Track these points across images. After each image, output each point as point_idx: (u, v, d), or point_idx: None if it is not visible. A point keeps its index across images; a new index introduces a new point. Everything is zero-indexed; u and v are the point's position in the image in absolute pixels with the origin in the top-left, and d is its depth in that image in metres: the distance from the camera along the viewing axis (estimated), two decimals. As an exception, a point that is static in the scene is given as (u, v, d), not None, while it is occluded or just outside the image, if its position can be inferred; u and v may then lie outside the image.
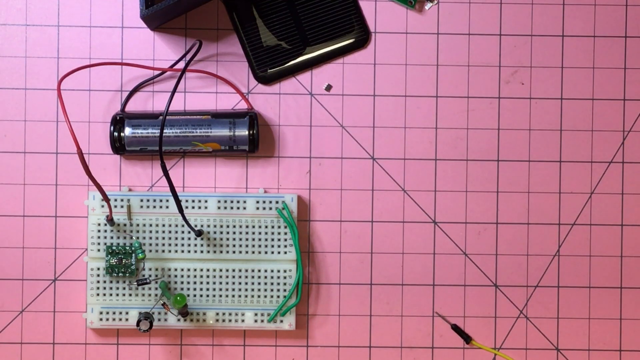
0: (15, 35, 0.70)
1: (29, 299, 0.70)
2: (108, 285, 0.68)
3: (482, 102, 0.71)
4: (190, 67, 0.69)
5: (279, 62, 0.70)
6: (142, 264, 0.68)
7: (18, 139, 0.70)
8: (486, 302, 0.71)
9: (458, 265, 0.71)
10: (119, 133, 0.68)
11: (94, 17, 0.70)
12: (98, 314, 0.68)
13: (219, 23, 0.70)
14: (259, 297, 0.69)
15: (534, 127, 0.71)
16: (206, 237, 0.68)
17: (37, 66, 0.70)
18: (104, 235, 0.68)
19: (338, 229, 0.71)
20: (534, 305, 0.71)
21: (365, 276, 0.71)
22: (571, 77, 0.71)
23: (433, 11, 0.71)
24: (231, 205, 0.68)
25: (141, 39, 0.70)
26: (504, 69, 0.71)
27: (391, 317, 0.71)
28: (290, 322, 0.69)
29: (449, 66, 0.71)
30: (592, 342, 0.71)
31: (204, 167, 0.70)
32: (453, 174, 0.71)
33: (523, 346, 0.71)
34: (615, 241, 0.71)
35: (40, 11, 0.70)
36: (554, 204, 0.71)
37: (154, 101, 0.70)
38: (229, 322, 0.69)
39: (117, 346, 0.70)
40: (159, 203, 0.68)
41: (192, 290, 0.69)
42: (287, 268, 0.69)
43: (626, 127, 0.71)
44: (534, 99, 0.71)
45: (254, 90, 0.71)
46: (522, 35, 0.71)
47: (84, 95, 0.70)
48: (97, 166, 0.70)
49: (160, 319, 0.68)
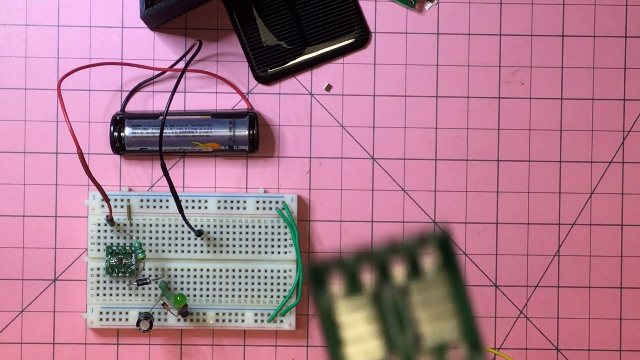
0: (15, 35, 0.70)
1: (29, 299, 0.70)
2: (108, 285, 0.68)
3: (482, 102, 0.71)
4: (190, 67, 0.69)
5: (279, 62, 0.70)
6: (142, 264, 0.68)
7: (18, 139, 0.70)
8: (486, 302, 0.71)
9: (458, 265, 0.71)
10: (119, 133, 0.68)
11: (94, 17, 0.70)
12: (98, 314, 0.68)
13: (219, 23, 0.70)
14: (259, 297, 0.69)
15: (534, 127, 0.71)
16: (206, 237, 0.68)
17: (37, 66, 0.70)
18: (104, 235, 0.68)
19: (338, 229, 0.71)
20: (534, 305, 0.71)
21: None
22: (571, 77, 0.71)
23: (433, 11, 0.71)
24: (231, 205, 0.68)
25: (141, 39, 0.70)
26: (504, 69, 0.71)
27: (391, 317, 0.71)
28: (290, 322, 0.69)
29: (449, 66, 0.71)
30: (592, 342, 0.71)
31: (204, 167, 0.70)
32: (453, 174, 0.71)
33: (523, 346, 0.71)
34: (615, 241, 0.71)
35: (40, 11, 0.70)
36: (554, 204, 0.71)
37: (154, 101, 0.70)
38: (229, 322, 0.69)
39: (117, 346, 0.70)
40: (159, 203, 0.68)
41: (192, 290, 0.69)
42: (287, 268, 0.69)
43: (626, 127, 0.71)
44: (534, 99, 0.71)
45: (254, 90, 0.71)
46: (522, 35, 0.71)
47: (84, 95, 0.70)
48: (97, 166, 0.70)
49: (160, 319, 0.68)
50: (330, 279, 0.26)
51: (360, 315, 0.25)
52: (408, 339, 0.25)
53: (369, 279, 0.25)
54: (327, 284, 0.26)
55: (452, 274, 0.25)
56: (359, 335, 0.25)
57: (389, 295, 0.25)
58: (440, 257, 0.26)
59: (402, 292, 0.25)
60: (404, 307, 0.25)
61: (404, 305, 0.25)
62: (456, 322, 0.25)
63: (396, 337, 0.25)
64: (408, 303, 0.25)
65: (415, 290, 0.25)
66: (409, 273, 0.25)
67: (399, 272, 0.25)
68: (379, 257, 0.25)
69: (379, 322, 0.25)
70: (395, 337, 0.25)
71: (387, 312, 0.25)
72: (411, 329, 0.25)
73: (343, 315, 0.25)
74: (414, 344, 0.25)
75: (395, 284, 0.25)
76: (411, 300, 0.25)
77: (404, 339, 0.25)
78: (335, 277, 0.26)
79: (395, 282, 0.25)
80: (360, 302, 0.25)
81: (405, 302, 0.25)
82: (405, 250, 0.25)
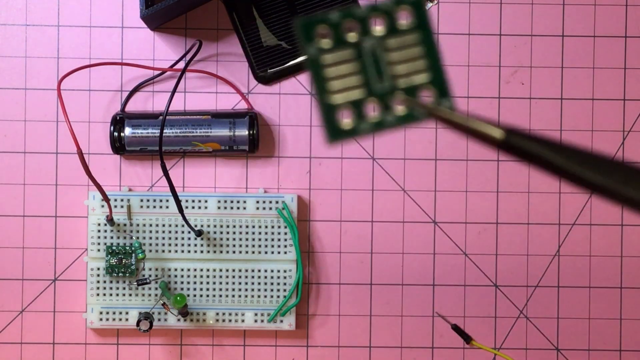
0: (15, 35, 0.70)
1: (29, 299, 0.70)
2: (108, 285, 0.68)
3: (482, 102, 0.71)
4: (190, 67, 0.69)
5: (279, 62, 0.70)
6: (142, 264, 0.68)
7: (18, 139, 0.70)
8: (486, 302, 0.71)
9: (458, 265, 0.71)
10: (119, 133, 0.68)
11: (94, 17, 0.70)
12: (98, 314, 0.68)
13: (219, 23, 0.70)
14: (259, 297, 0.69)
15: (534, 127, 0.71)
16: (206, 237, 0.68)
17: (37, 66, 0.70)
18: (104, 235, 0.68)
19: (338, 229, 0.70)
20: (534, 305, 0.71)
21: (365, 276, 0.71)
22: (571, 77, 0.71)
23: (433, 11, 0.71)
24: (231, 205, 0.68)
25: (141, 39, 0.70)
26: (504, 69, 0.71)
27: (391, 317, 0.71)
28: (290, 322, 0.69)
29: (448, 66, 0.71)
30: (592, 342, 0.71)
31: (204, 167, 0.70)
32: (453, 174, 0.71)
33: (523, 346, 0.71)
34: (615, 241, 0.71)
35: (40, 11, 0.70)
36: (554, 204, 0.71)
37: (154, 101, 0.70)
38: (229, 322, 0.69)
39: (117, 346, 0.70)
40: (159, 203, 0.68)
41: (192, 290, 0.68)
42: (287, 268, 0.69)
43: (626, 127, 0.71)
44: (534, 99, 0.71)
45: (254, 90, 0.70)
46: (522, 35, 0.71)
47: (84, 95, 0.70)
48: (97, 166, 0.70)
49: (160, 319, 0.68)
50: (318, 32, 0.29)
51: (343, 65, 0.29)
52: (385, 84, 0.29)
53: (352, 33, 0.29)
54: (315, 36, 0.29)
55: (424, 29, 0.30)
56: (343, 82, 0.29)
57: (369, 46, 0.29)
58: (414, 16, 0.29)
59: (380, 43, 0.29)
60: (381, 55, 0.29)
61: (381, 53, 0.29)
62: (426, 69, 0.30)
63: (375, 83, 0.29)
64: (385, 51, 0.29)
65: (391, 42, 0.30)
66: (387, 28, 0.29)
67: (379, 27, 0.29)
68: (361, 14, 0.29)
69: (360, 71, 0.29)
70: (374, 83, 0.29)
71: (367, 60, 0.29)
72: (387, 74, 0.29)
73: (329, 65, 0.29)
74: (389, 88, 0.30)
75: (374, 36, 0.29)
76: (388, 49, 0.29)
77: (381, 84, 0.29)
78: (322, 30, 0.29)
79: (375, 35, 0.29)
80: (344, 54, 0.29)
81: (383, 51, 0.29)
82: (384, 8, 0.29)
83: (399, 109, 0.30)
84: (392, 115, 0.30)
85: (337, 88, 0.30)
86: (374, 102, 0.30)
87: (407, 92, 0.30)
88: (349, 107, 0.30)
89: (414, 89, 0.30)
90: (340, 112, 0.30)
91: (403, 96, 0.30)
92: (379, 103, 0.30)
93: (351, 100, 0.30)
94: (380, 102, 0.30)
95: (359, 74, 0.30)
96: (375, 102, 0.30)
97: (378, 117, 0.30)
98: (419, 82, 0.30)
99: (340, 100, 0.30)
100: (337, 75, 0.30)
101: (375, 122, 0.30)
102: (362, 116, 0.30)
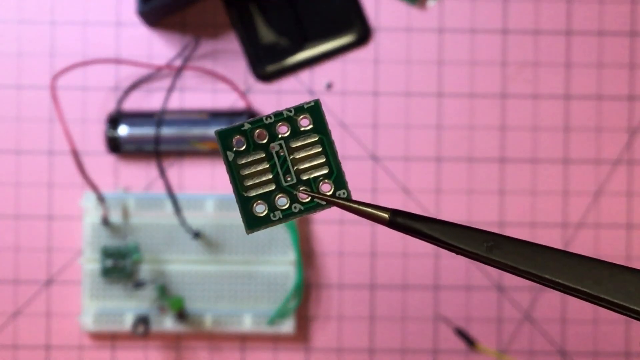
0: (8, 32, 0.69)
1: (23, 301, 0.69)
2: (103, 287, 0.68)
3: (486, 100, 0.70)
4: (187, 64, 0.69)
5: (278, 60, 0.70)
6: (139, 266, 0.67)
7: (11, 139, 0.69)
8: (490, 305, 0.70)
9: (461, 267, 0.70)
10: (115, 132, 0.67)
11: (89, 13, 0.70)
12: (93, 317, 0.68)
13: (216, 19, 0.70)
14: (257, 299, 0.68)
15: (539, 125, 0.70)
16: (204, 239, 0.68)
17: (31, 64, 0.69)
18: (99, 237, 0.67)
19: (338, 230, 0.70)
20: (539, 308, 0.70)
21: (366, 278, 0.70)
22: (577, 74, 0.71)
23: (436, 7, 0.70)
24: (229, 206, 0.68)
25: (137, 35, 0.70)
26: (509, 67, 0.70)
27: (393, 320, 0.70)
28: (290, 325, 0.68)
29: (452, 64, 0.70)
30: (598, 345, 0.71)
31: (202, 167, 0.70)
32: (456, 173, 0.70)
33: (528, 349, 0.70)
34: (622, 242, 0.71)
35: (34, 7, 0.69)
36: (559, 204, 0.70)
37: (151, 100, 0.70)
38: (227, 325, 0.68)
39: (113, 350, 0.69)
40: (155, 204, 0.68)
41: (190, 293, 0.68)
42: (286, 270, 0.68)
43: (633, 125, 0.71)
44: (539, 96, 0.70)
45: (252, 88, 0.70)
46: (527, 32, 0.70)
47: (79, 93, 0.69)
48: (92, 166, 0.69)
49: (157, 322, 0.68)
50: (234, 139, 0.37)
51: (256, 165, 0.38)
52: (291, 179, 0.38)
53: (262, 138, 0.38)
54: (231, 143, 0.37)
55: (321, 131, 0.38)
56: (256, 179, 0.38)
57: (277, 148, 0.38)
58: (312, 120, 0.38)
59: (286, 144, 0.38)
60: (287, 154, 0.38)
61: (287, 153, 0.38)
62: (325, 165, 0.38)
63: (282, 178, 0.38)
64: (290, 151, 0.38)
65: (295, 143, 0.38)
66: (290, 132, 0.38)
67: (284, 131, 0.38)
68: (269, 122, 0.38)
69: (270, 169, 0.38)
70: (282, 178, 0.38)
71: (276, 159, 0.38)
72: (292, 170, 0.38)
73: (243, 165, 0.38)
74: (295, 182, 0.38)
75: (280, 138, 0.38)
76: (292, 149, 0.38)
77: (288, 178, 0.38)
78: (237, 138, 0.37)
79: (281, 138, 0.38)
80: (255, 155, 0.38)
81: (288, 151, 0.38)
82: (287, 116, 0.38)
83: (304, 199, 0.38)
84: (298, 205, 0.38)
85: (251, 184, 0.37)
86: (283, 195, 0.38)
87: (311, 185, 0.38)
88: (262, 200, 0.38)
89: (315, 181, 0.38)
90: (255, 204, 0.37)
91: (306, 189, 0.38)
92: (287, 195, 0.38)
93: (263, 193, 0.37)
94: (288, 194, 0.38)
95: (270, 171, 0.38)
96: (284, 195, 0.38)
97: (287, 207, 0.38)
98: (319, 176, 0.38)
99: (254, 194, 0.37)
100: (251, 173, 0.37)
101: (284, 212, 0.38)
102: (274, 207, 0.38)
